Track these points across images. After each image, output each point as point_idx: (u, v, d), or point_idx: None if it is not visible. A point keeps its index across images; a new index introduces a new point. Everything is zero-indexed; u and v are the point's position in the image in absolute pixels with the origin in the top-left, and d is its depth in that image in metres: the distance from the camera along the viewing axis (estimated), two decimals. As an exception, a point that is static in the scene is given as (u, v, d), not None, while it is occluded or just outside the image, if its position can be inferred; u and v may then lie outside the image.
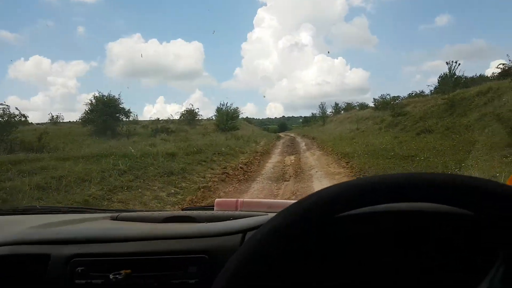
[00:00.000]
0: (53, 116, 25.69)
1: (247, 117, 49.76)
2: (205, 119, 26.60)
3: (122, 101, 19.15)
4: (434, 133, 10.52)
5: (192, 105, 27.05)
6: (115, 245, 0.72)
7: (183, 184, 6.95)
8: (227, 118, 21.64)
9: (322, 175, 7.95)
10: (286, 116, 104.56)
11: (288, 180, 7.52)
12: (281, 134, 34.64)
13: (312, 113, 47.55)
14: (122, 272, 0.65)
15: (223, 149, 12.14)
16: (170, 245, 0.70)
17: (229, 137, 16.64)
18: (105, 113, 17.85)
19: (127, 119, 20.15)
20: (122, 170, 6.98)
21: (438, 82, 32.34)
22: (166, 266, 0.67)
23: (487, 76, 21.82)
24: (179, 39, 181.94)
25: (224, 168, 9.20)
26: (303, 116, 64.89)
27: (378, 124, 16.89)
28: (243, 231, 0.71)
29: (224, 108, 22.75)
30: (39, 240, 0.76)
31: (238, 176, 8.26)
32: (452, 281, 0.52)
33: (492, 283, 0.41)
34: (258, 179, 7.88)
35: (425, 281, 0.54)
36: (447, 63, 20.68)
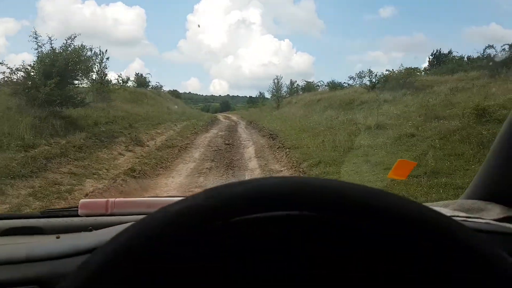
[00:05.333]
0: None
1: (173, 89, 37.20)
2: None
3: None
4: None
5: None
6: None
7: None
8: (45, 74, 7.97)
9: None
10: (231, 94, 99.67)
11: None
12: (220, 116, 24.05)
13: (260, 92, 37.56)
14: None
15: None
16: None
17: (41, 129, 5.68)
18: None
19: None
20: None
21: (430, 61, 24.95)
22: None
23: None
24: (119, 2, 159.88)
25: None
26: (248, 96, 56.76)
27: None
28: (91, 251, 0.56)
29: (54, 50, 8.73)
30: None
31: None
32: None
33: None
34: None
35: None
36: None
